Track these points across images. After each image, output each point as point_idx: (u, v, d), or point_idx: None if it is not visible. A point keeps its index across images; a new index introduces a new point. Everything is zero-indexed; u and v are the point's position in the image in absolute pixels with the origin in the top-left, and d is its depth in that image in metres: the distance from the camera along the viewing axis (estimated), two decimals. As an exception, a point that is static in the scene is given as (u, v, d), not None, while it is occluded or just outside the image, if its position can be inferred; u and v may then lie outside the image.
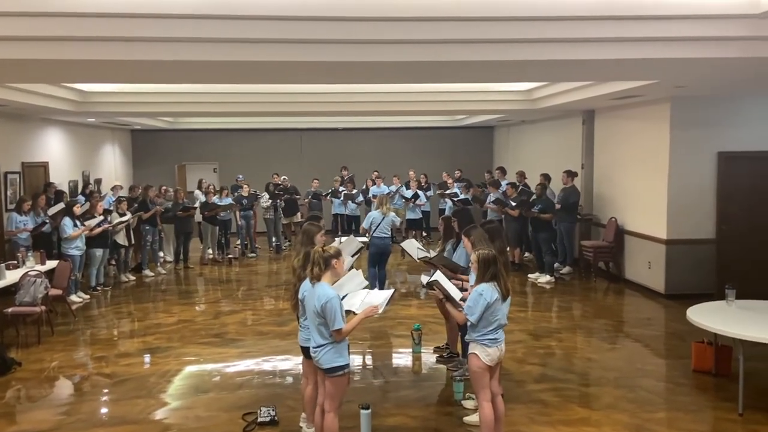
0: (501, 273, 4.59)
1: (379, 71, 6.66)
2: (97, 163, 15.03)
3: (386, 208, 9.55)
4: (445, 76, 7.34)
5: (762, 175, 9.62)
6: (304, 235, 5.16)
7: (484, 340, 4.55)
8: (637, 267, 10.48)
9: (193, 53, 5.59)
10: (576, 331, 8.20)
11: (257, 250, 14.40)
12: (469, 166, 16.79)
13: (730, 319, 5.78)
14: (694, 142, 9.51)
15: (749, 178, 9.61)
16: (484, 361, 4.55)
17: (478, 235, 5.33)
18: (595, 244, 11.24)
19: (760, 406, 5.58)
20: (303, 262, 4.73)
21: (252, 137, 17.64)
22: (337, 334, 4.24)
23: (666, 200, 9.60)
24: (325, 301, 4.18)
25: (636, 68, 6.60)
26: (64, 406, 5.87)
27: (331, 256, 4.30)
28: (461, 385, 5.82)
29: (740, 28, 5.59)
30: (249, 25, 5.39)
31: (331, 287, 4.29)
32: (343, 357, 4.35)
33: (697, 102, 9.42)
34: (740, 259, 9.48)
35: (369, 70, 6.59)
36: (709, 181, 9.61)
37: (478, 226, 5.69)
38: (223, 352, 7.40)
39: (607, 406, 5.67)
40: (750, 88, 8.72)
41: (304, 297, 4.52)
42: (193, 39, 5.45)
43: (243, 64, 5.92)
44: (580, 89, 9.61)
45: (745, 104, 9.51)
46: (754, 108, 9.52)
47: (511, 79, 8.85)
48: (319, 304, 4.21)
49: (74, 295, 9.80)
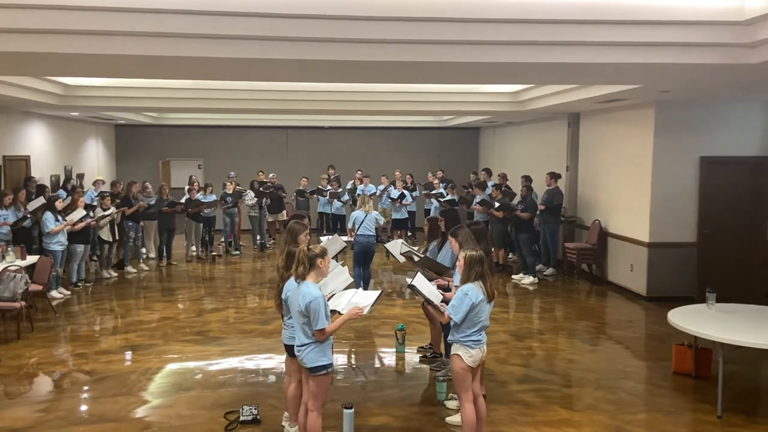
0: (486, 274, 4.60)
1: (366, 71, 6.65)
2: (79, 158, 14.87)
3: (368, 206, 9.58)
4: (432, 76, 7.35)
5: (742, 179, 9.75)
6: (288, 233, 5.14)
7: (468, 342, 4.56)
8: (620, 269, 10.57)
9: (179, 49, 5.54)
10: (558, 332, 8.25)
11: (241, 248, 14.33)
12: (455, 167, 16.83)
13: (710, 322, 5.85)
14: (677, 146, 9.61)
15: (730, 183, 9.72)
16: (467, 362, 4.56)
17: (465, 235, 5.34)
18: (578, 246, 11.32)
19: (739, 408, 5.65)
20: (286, 261, 4.71)
21: (238, 134, 17.55)
22: (319, 334, 4.23)
23: (649, 203, 9.69)
24: (309, 300, 4.17)
25: (620, 72, 6.65)
26: (42, 404, 5.80)
27: (316, 255, 4.29)
28: (444, 385, 5.83)
29: (725, 34, 5.65)
30: (236, 22, 5.36)
31: (316, 286, 4.27)
32: (327, 356, 4.34)
33: (681, 107, 9.51)
34: (720, 262, 9.59)
35: (356, 70, 6.58)
36: (691, 185, 9.71)
37: (465, 226, 5.71)
38: (205, 350, 7.35)
39: (587, 407, 5.72)
40: (734, 94, 8.83)
41: (287, 296, 4.51)
42: (178, 35, 5.41)
43: (231, 60, 5.88)
44: (565, 92, 9.67)
45: (727, 109, 9.62)
46: (736, 113, 9.63)
47: (496, 81, 8.89)
48: (303, 303, 4.19)
49: (55, 290, 9.69)
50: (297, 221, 5.30)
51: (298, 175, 15.54)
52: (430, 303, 4.91)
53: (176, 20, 5.28)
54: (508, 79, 8.41)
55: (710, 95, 8.94)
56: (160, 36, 5.42)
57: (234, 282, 11.36)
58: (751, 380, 6.64)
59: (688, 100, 9.42)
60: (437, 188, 14.55)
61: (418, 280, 5.05)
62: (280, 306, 4.80)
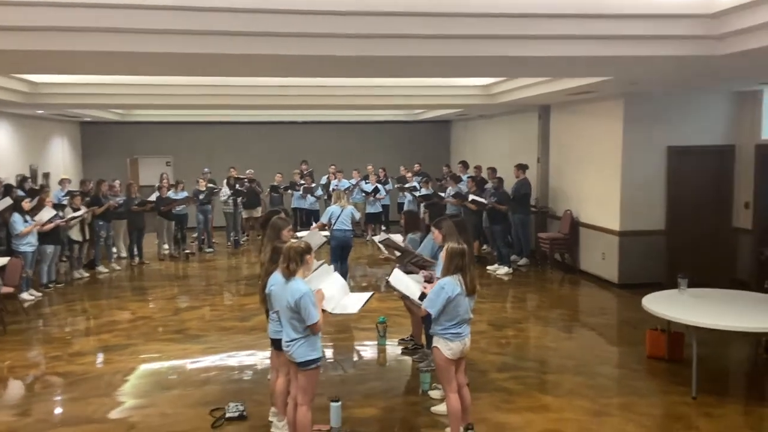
0: (467, 267, 4.65)
1: (337, 65, 6.63)
2: (45, 157, 14.55)
3: (344, 201, 9.64)
4: (401, 70, 7.38)
5: (708, 168, 10.04)
6: (271, 229, 5.14)
7: (447, 334, 4.62)
8: (592, 258, 10.79)
9: (145, 45, 5.45)
10: (534, 321, 8.41)
11: (214, 245, 14.22)
12: (427, 160, 16.92)
13: (683, 307, 6.04)
14: (646, 136, 9.83)
15: (696, 171, 10.00)
16: (446, 355, 4.62)
17: (448, 227, 5.40)
18: (551, 236, 11.52)
19: (712, 389, 5.85)
20: (272, 256, 4.72)
21: (208, 130, 17.36)
22: (314, 328, 4.26)
23: (619, 193, 9.91)
24: (299, 296, 4.19)
25: (589, 65, 6.78)
26: (20, 407, 5.71)
27: (304, 251, 4.31)
28: (428, 375, 5.91)
29: (693, 27, 5.81)
30: (207, 17, 5.31)
31: (303, 281, 4.30)
32: (317, 350, 4.37)
33: (649, 98, 9.74)
34: (688, 249, 9.87)
35: (324, 65, 6.56)
36: (659, 174, 9.96)
37: (448, 218, 5.78)
38: (185, 348, 7.31)
39: (567, 393, 5.86)
40: (701, 85, 9.07)
41: (271, 291, 4.52)
42: (143, 30, 5.31)
43: (199, 56, 5.79)
44: (536, 85, 9.81)
45: (692, 100, 9.88)
46: (701, 104, 9.89)
47: (465, 74, 8.96)
48: (293, 299, 4.21)
49: (26, 292, 9.50)
50: (279, 217, 5.31)
51: (267, 170, 15.44)
52: (407, 298, 4.97)
53: (140, 15, 5.19)
54: (478, 72, 8.49)
55: (679, 86, 9.17)
56: (124, 32, 5.32)
57: (209, 279, 11.28)
58: (723, 362, 6.88)
59: (656, 92, 9.65)
60: (410, 181, 14.63)
61: (395, 276, 5.11)
62: (264, 301, 4.81)
